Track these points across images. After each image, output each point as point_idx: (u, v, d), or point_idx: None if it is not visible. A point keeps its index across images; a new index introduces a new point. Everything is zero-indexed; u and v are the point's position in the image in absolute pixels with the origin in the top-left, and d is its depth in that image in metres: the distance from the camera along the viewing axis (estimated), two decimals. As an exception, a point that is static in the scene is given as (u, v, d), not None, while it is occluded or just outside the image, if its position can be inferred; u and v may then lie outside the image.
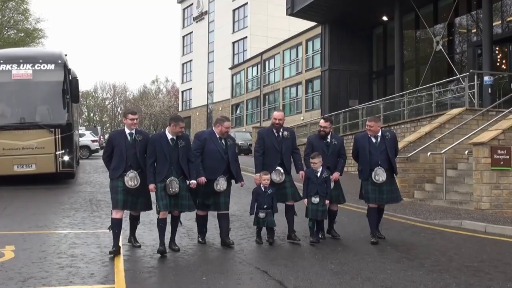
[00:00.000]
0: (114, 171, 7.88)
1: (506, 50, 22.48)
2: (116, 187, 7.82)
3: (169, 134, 7.93)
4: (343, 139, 9.59)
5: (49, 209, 12.46)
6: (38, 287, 6.24)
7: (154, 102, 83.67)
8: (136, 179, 7.76)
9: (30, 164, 16.27)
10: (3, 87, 16.50)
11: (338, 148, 9.04)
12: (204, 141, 8.35)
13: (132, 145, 7.85)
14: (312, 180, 8.54)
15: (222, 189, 8.26)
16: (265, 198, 8.41)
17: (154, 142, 7.93)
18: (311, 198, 8.48)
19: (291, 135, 9.00)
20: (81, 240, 8.91)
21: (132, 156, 7.81)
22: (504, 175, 12.59)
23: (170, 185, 7.67)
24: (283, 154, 8.75)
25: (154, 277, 6.73)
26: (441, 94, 21.09)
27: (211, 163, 8.24)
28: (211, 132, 8.60)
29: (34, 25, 36.32)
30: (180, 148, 7.88)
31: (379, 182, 8.62)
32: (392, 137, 9.00)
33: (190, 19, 66.31)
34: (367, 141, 8.82)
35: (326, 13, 29.63)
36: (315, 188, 8.48)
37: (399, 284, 6.47)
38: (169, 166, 7.78)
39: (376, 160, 8.67)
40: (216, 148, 8.31)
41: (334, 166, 8.92)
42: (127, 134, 7.92)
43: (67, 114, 16.78)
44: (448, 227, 10.73)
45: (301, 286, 6.31)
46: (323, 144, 8.95)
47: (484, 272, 7.02)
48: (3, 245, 8.42)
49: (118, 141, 7.88)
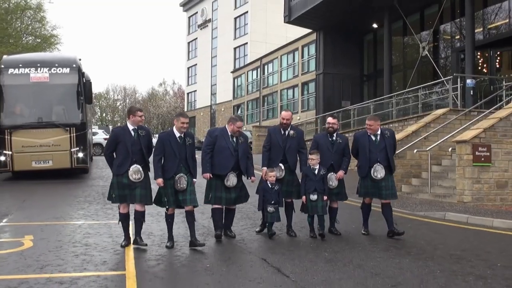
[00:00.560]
0: (120, 167, 7.53)
1: (487, 55, 22.50)
2: (121, 183, 7.50)
3: (176, 132, 7.62)
4: (348, 138, 9.14)
5: (64, 201, 12.48)
6: (54, 273, 6.25)
7: (161, 103, 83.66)
8: (140, 173, 7.47)
9: (47, 160, 16.30)
10: (22, 89, 16.52)
11: (342, 146, 8.67)
12: (216, 138, 8.10)
13: (137, 140, 7.55)
14: (310, 177, 8.25)
15: (232, 184, 8.01)
16: (272, 194, 8.19)
17: (162, 139, 7.64)
18: (309, 195, 8.21)
19: (297, 135, 8.72)
20: (94, 230, 8.93)
21: (138, 152, 7.53)
22: (484, 170, 12.60)
23: (179, 181, 7.41)
24: (286, 152, 8.48)
25: (162, 264, 6.74)
26: (426, 95, 21.11)
27: (221, 160, 8.00)
28: (223, 129, 8.29)
29: (51, 32, 36.25)
30: (188, 146, 7.63)
31: (377, 178, 8.35)
32: (391, 136, 8.70)
33: (195, 26, 66.22)
34: (367, 139, 8.52)
35: (320, 21, 29.62)
36: (313, 185, 8.20)
37: (387, 271, 6.48)
38: (178, 163, 7.50)
39: (375, 157, 8.39)
40: (226, 145, 8.05)
41: (338, 164, 8.58)
42: (131, 130, 7.59)
43: (81, 114, 16.81)
44: (433, 219, 10.74)
45: (297, 272, 6.32)
46: (328, 142, 8.61)
47: (466, 260, 7.03)
48: (23, 235, 8.44)
49: (123, 137, 7.53)
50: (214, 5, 61.33)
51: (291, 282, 5.95)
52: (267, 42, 51.50)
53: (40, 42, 34.15)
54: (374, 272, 6.38)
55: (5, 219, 10.06)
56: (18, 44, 30.58)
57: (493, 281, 6.03)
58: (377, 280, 6.03)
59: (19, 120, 16.37)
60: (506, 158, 12.80)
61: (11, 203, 12.22)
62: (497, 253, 7.58)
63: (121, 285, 5.80)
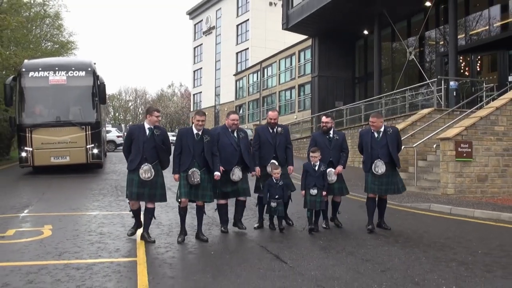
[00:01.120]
0: (131, 163, 7.28)
1: (468, 59, 22.46)
2: (132, 181, 7.22)
3: (194, 129, 7.36)
4: (345, 134, 8.98)
5: (80, 194, 12.49)
6: (71, 260, 6.26)
7: (169, 103, 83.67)
8: (150, 172, 7.13)
9: (64, 156, 16.32)
10: (41, 91, 16.55)
11: (340, 142, 8.44)
12: (218, 136, 7.86)
13: (150, 139, 7.23)
14: (310, 173, 7.97)
15: (237, 178, 7.80)
16: (277, 189, 7.93)
17: (181, 135, 7.41)
18: (309, 190, 7.92)
19: (284, 132, 8.51)
20: (108, 220, 8.94)
21: (150, 150, 7.21)
22: (466, 165, 12.60)
23: (192, 175, 7.15)
24: (277, 148, 8.29)
25: (170, 251, 6.75)
26: (413, 96, 21.09)
27: (226, 155, 7.77)
28: (223, 127, 8.15)
29: (68, 38, 36.14)
30: (205, 143, 7.33)
31: (378, 173, 8.04)
32: (394, 132, 8.32)
33: (200, 33, 66.15)
34: (369, 136, 8.24)
35: (315, 28, 29.59)
36: (313, 181, 7.92)
37: (377, 257, 6.49)
38: (192, 158, 7.24)
39: (376, 153, 8.08)
40: (229, 141, 7.86)
41: (336, 160, 8.32)
42: (146, 128, 7.30)
43: (96, 113, 16.82)
44: (419, 209, 10.75)
45: (294, 259, 6.33)
46: (326, 140, 8.38)
47: (450, 247, 7.04)
48: (42, 225, 8.45)
49: (137, 134, 7.27)
50: (218, 13, 61.31)
51: (289, 268, 5.96)
52: (266, 47, 51.44)
53: (58, 48, 34.06)
54: (365, 259, 6.39)
55: (26, 210, 10.08)
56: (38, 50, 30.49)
57: (474, 266, 6.04)
58: (368, 266, 6.04)
59: (38, 119, 16.39)
60: (486, 154, 12.80)
61: (32, 196, 12.23)
62: (477, 241, 7.59)
63: (132, 271, 5.81)
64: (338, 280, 5.47)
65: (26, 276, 5.56)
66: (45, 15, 32.06)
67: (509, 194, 12.84)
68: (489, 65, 22.24)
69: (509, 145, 12.99)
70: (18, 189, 13.47)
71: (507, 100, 13.14)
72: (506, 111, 13.04)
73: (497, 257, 6.54)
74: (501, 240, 7.70)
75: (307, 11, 27.44)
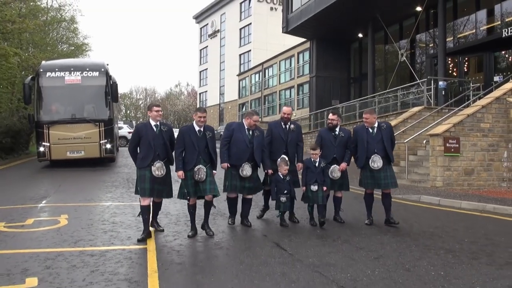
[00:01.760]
0: (143, 160, 6.82)
1: (456, 61, 22.40)
2: (144, 176, 6.76)
3: (196, 126, 6.94)
4: (350, 132, 8.45)
5: (94, 186, 12.50)
6: (86, 247, 6.27)
7: (177, 102, 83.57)
8: (162, 169, 6.77)
9: (79, 151, 16.35)
10: (58, 90, 16.55)
11: (345, 140, 8.03)
12: (233, 131, 7.55)
13: (159, 135, 6.83)
14: (311, 169, 7.64)
15: (247, 174, 7.40)
16: (285, 184, 7.61)
17: (183, 133, 6.96)
18: (310, 186, 7.63)
19: (297, 129, 8.13)
20: (120, 210, 8.95)
21: (161, 146, 6.81)
22: (454, 159, 12.58)
23: (198, 172, 6.74)
24: (288, 145, 7.92)
25: (178, 239, 6.75)
26: (404, 95, 21.06)
27: (237, 151, 7.44)
28: (240, 123, 7.75)
29: (82, 40, 36.19)
30: (208, 139, 6.94)
31: (375, 168, 7.68)
32: (388, 128, 7.97)
33: (206, 36, 66.03)
34: (365, 131, 7.86)
35: (313, 31, 29.53)
36: (314, 177, 7.61)
37: (370, 245, 6.49)
38: (197, 155, 6.83)
39: (372, 148, 7.72)
40: (242, 137, 7.47)
41: (340, 157, 7.94)
42: (153, 125, 6.88)
43: (109, 111, 16.83)
44: (410, 201, 10.74)
45: (293, 247, 6.34)
46: (331, 136, 8.01)
47: (438, 236, 7.04)
48: (59, 214, 8.47)
49: (145, 132, 6.84)
50: (222, 17, 61.18)
51: (288, 255, 5.96)
52: (267, 49, 51.30)
53: (73, 50, 34.10)
54: (359, 247, 6.40)
55: (44, 201, 10.09)
56: (55, 51, 30.52)
57: (460, 254, 6.04)
58: (362, 253, 6.04)
59: (55, 116, 16.40)
60: (473, 149, 12.78)
61: (49, 187, 12.25)
62: (464, 230, 7.58)
63: (143, 257, 5.82)
64: (334, 266, 5.48)
65: (44, 262, 5.57)
66: (61, 19, 32.08)
67: (494, 187, 12.83)
68: (476, 66, 22.19)
69: (494, 141, 12.97)
70: (37, 181, 13.50)
71: (492, 99, 13.11)
72: (491, 109, 13.01)
73: (482, 245, 6.54)
74: (486, 230, 7.70)
75: (305, 16, 27.40)
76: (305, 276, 5.12)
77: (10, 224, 7.71)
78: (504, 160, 13.05)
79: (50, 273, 5.15)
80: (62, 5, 32.13)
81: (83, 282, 4.88)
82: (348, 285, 4.81)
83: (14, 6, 23.51)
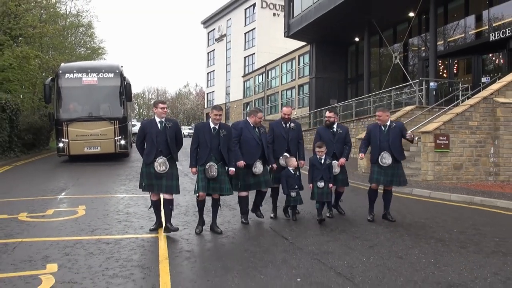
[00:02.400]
0: (147, 156, 6.47)
1: (446, 63, 22.30)
2: (149, 172, 6.43)
3: (211, 123, 6.56)
4: (348, 128, 8.27)
5: (110, 179, 12.54)
6: (102, 236, 6.30)
7: (186, 101, 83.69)
8: (165, 165, 6.36)
9: (96, 146, 16.40)
10: (75, 90, 16.60)
11: (343, 136, 7.84)
12: (241, 130, 7.15)
13: (163, 132, 6.42)
14: (317, 166, 7.29)
15: (259, 171, 7.08)
16: (295, 179, 7.34)
17: (198, 130, 6.61)
18: (317, 183, 7.25)
19: (297, 127, 7.80)
20: (133, 202, 8.98)
21: (163, 142, 6.40)
22: (444, 155, 12.54)
23: (209, 169, 6.37)
24: (289, 142, 7.60)
25: (187, 229, 6.76)
26: (398, 95, 20.98)
27: (249, 149, 7.07)
28: (245, 122, 7.32)
29: (98, 44, 36.15)
30: (222, 137, 6.51)
31: (385, 165, 7.34)
32: (398, 127, 7.54)
33: (213, 40, 65.90)
34: (378, 129, 7.51)
35: (313, 35, 29.43)
36: (320, 174, 7.26)
37: (366, 235, 6.48)
38: (209, 152, 6.44)
39: (384, 146, 7.38)
40: (251, 136, 7.13)
41: (339, 153, 7.74)
42: (157, 122, 6.49)
43: (123, 110, 16.86)
44: (402, 193, 10.71)
45: (294, 236, 6.35)
46: (330, 133, 7.80)
47: (429, 227, 7.02)
48: (77, 205, 8.50)
49: (149, 128, 6.46)
50: (228, 23, 61.02)
51: (289, 243, 5.96)
52: (270, 52, 51.18)
53: (90, 53, 34.12)
54: (355, 236, 6.39)
55: (63, 193, 10.13)
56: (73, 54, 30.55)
57: (450, 243, 6.03)
58: (358, 242, 6.04)
59: (73, 114, 16.44)
60: (461, 145, 12.73)
61: (68, 180, 12.29)
62: (453, 221, 7.56)
63: (154, 245, 5.84)
64: (332, 254, 5.48)
65: (63, 249, 5.60)
66: (79, 25, 32.12)
67: (481, 181, 12.78)
68: (465, 68, 22.08)
69: (481, 138, 12.92)
70: (56, 175, 13.55)
71: (480, 98, 13.05)
72: (479, 108, 12.95)
73: (470, 235, 6.53)
74: (474, 220, 7.68)
75: (306, 21, 27.33)
76: (305, 263, 5.12)
77: (32, 214, 7.75)
78: (491, 155, 13.00)
79: (69, 260, 5.17)
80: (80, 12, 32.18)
81: (99, 268, 4.90)
82: (345, 272, 4.81)
83: (35, 13, 23.54)
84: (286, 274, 4.73)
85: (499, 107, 12.90)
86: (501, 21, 19.38)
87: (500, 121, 12.84)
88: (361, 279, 4.58)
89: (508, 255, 5.52)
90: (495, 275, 4.77)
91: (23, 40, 22.27)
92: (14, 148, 18.44)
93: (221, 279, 4.61)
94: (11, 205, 8.59)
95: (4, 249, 5.60)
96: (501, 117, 12.85)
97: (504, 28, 18.53)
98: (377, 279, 4.61)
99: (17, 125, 18.74)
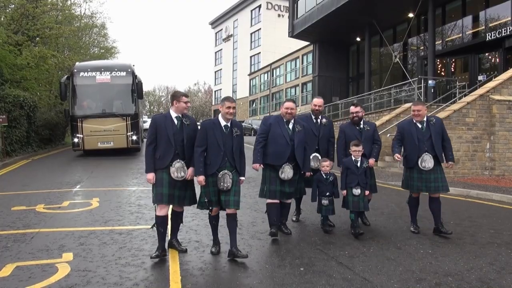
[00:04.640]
0: (160, 160, 4.90)
1: (444, 62, 22.17)
2: (161, 180, 4.89)
3: (222, 120, 4.95)
4: (376, 125, 6.96)
5: (122, 172, 12.57)
6: (115, 226, 6.33)
7: (195, 99, 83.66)
8: (183, 170, 4.89)
9: (109, 142, 16.44)
10: (90, 88, 16.62)
11: (371, 133, 6.43)
12: (270, 126, 5.69)
13: (180, 130, 4.92)
14: (352, 170, 5.89)
15: (287, 177, 5.54)
16: (327, 185, 6.04)
17: (206, 128, 4.91)
18: (352, 190, 5.86)
19: (329, 124, 6.55)
20: (145, 194, 8.98)
21: (180, 143, 4.91)
22: (441, 150, 12.46)
23: (223, 179, 4.82)
24: (320, 141, 6.35)
25: (195, 220, 6.78)
26: (397, 93, 20.87)
27: (276, 148, 5.58)
28: (278, 116, 5.84)
29: (111, 44, 36.21)
30: (235, 137, 4.94)
31: (426, 169, 5.92)
32: (438, 123, 6.11)
33: (220, 40, 65.84)
34: (414, 127, 6.06)
35: (316, 35, 29.34)
36: (356, 179, 5.86)
37: (366, 226, 6.46)
38: (223, 157, 4.86)
39: (423, 146, 5.94)
40: (281, 133, 5.60)
41: (368, 153, 6.29)
42: (174, 117, 4.96)
43: (135, 107, 16.87)
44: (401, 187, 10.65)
45: (297, 227, 6.32)
46: (356, 131, 6.40)
47: (426, 219, 6.98)
48: (91, 198, 8.54)
49: (164, 125, 4.90)
50: (235, 23, 60.91)
51: (293, 235, 5.95)
52: (275, 52, 51.09)
53: (103, 52, 34.16)
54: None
55: (78, 186, 10.18)
56: (87, 54, 30.61)
57: (447, 234, 5.99)
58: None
59: (88, 111, 16.48)
60: (458, 141, 12.66)
61: (83, 174, 12.34)
62: (450, 213, 7.53)
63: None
64: (334, 244, 5.47)
65: (78, 239, 5.63)
66: (93, 26, 32.13)
67: (477, 175, 12.72)
68: (462, 66, 21.94)
69: (477, 134, 12.84)
70: (72, 169, 13.61)
71: (476, 96, 12.96)
72: (476, 106, 12.87)
73: (466, 227, 6.50)
74: (470, 213, 7.65)
75: (309, 22, 27.23)
76: (308, 253, 5.12)
77: (49, 206, 7.80)
78: (487, 151, 12.92)
79: (83, 249, 5.20)
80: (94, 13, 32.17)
81: (112, 257, 4.92)
82: (346, 261, 4.81)
83: (52, 14, 23.58)
84: (289, 264, 4.74)
85: (494, 104, 12.81)
86: (497, 21, 19.23)
87: (496, 118, 12.75)
88: (361, 268, 4.58)
89: (503, 246, 5.49)
90: (490, 265, 4.75)
91: (40, 40, 22.33)
92: (31, 143, 18.57)
93: (228, 267, 4.62)
94: (29, 197, 8.65)
95: (22, 238, 5.64)
96: (496, 114, 12.77)
97: (500, 28, 18.39)
98: (376, 268, 4.60)
99: (34, 121, 18.84)
